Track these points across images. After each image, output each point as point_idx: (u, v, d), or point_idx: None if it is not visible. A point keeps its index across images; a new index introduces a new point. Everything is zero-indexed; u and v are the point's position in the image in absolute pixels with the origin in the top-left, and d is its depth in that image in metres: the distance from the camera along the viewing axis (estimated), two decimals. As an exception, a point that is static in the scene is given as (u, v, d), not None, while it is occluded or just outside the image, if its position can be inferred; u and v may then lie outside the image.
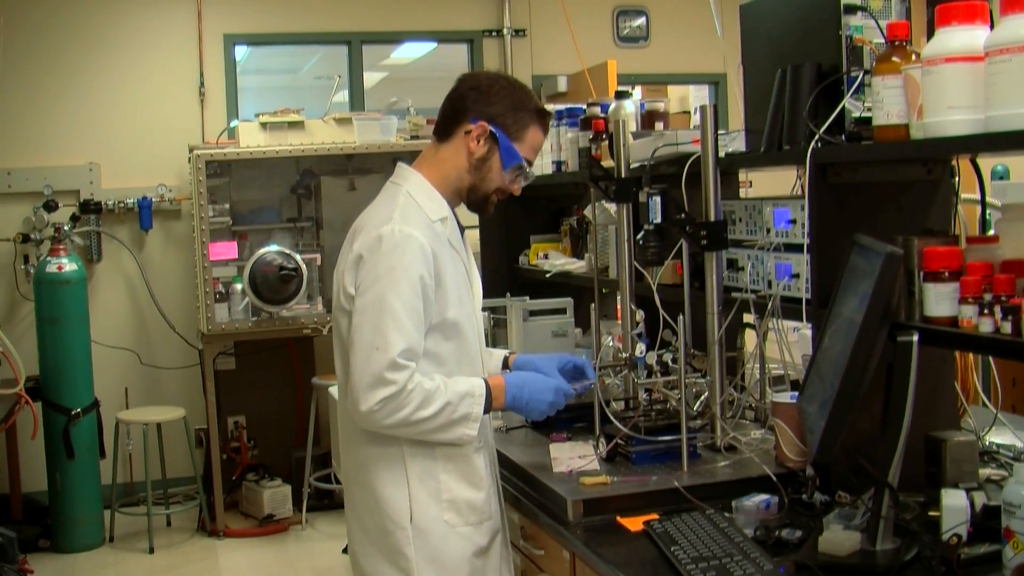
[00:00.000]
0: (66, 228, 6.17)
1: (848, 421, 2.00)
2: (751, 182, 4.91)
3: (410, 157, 5.82)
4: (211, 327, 5.91)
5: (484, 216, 2.59)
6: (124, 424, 6.08)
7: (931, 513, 2.22)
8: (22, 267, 6.39)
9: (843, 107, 2.39)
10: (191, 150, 6.16)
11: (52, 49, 6.58)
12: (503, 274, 4.17)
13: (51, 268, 5.84)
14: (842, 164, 2.41)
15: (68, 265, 5.86)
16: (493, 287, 2.26)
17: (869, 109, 2.34)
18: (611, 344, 3.03)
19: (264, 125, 6.08)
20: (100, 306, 6.59)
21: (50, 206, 6.36)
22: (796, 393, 2.53)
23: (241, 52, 7.05)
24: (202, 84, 6.75)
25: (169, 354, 6.73)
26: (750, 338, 3.09)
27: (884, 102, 2.19)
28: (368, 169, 6.36)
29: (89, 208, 6.50)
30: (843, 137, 2.39)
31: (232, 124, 6.50)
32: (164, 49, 6.73)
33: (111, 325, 6.64)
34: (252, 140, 6.06)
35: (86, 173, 6.58)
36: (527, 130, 2.47)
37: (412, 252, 2.30)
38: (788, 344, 2.78)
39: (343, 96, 7.16)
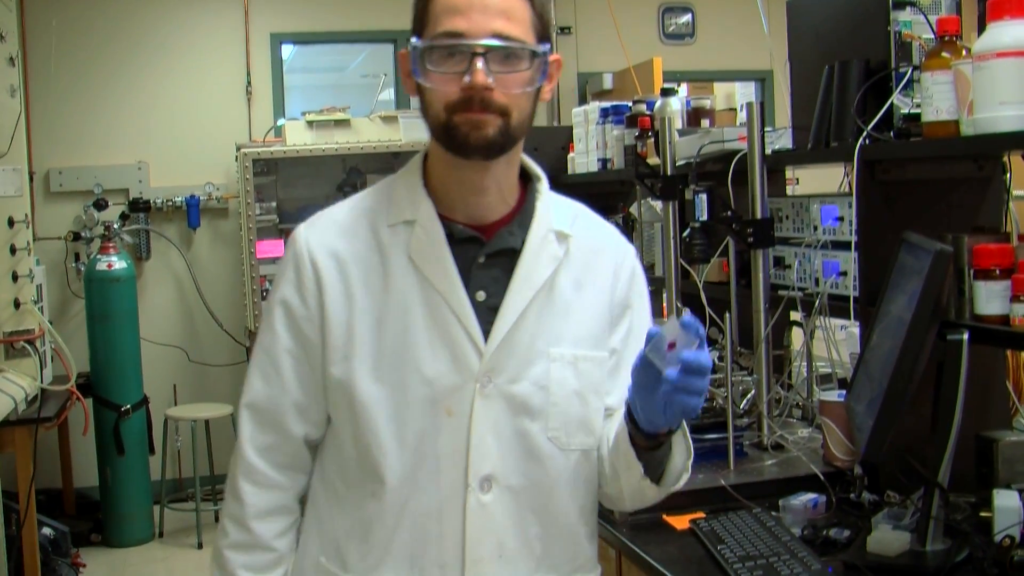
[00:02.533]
0: (116, 226, 6.24)
1: (897, 420, 1.99)
2: (798, 179, 4.88)
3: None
4: (258, 324, 5.94)
5: (471, 150, 1.62)
6: (173, 420, 6.15)
7: (982, 514, 2.20)
8: (73, 265, 6.47)
9: (891, 103, 2.38)
10: (238, 148, 6.22)
11: (101, 49, 6.66)
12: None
13: (101, 266, 5.92)
14: (890, 161, 2.40)
15: (118, 263, 5.93)
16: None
17: (918, 105, 2.33)
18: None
19: (310, 123, 6.12)
20: (149, 303, 6.67)
21: (100, 204, 6.44)
22: (844, 391, 2.52)
23: (288, 51, 7.11)
24: (249, 83, 6.80)
25: (217, 351, 6.79)
26: (797, 336, 3.08)
27: (933, 98, 2.18)
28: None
29: (138, 206, 6.58)
30: (891, 134, 2.38)
31: (279, 123, 6.54)
32: (211, 48, 6.79)
33: (160, 322, 6.71)
34: (298, 138, 6.10)
35: (135, 172, 6.66)
36: (427, 9, 1.66)
37: (284, 263, 1.75)
38: (836, 342, 2.77)
39: (388, 94, 7.19)
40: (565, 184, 4.32)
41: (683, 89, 5.82)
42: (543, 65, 1.64)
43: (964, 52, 2.14)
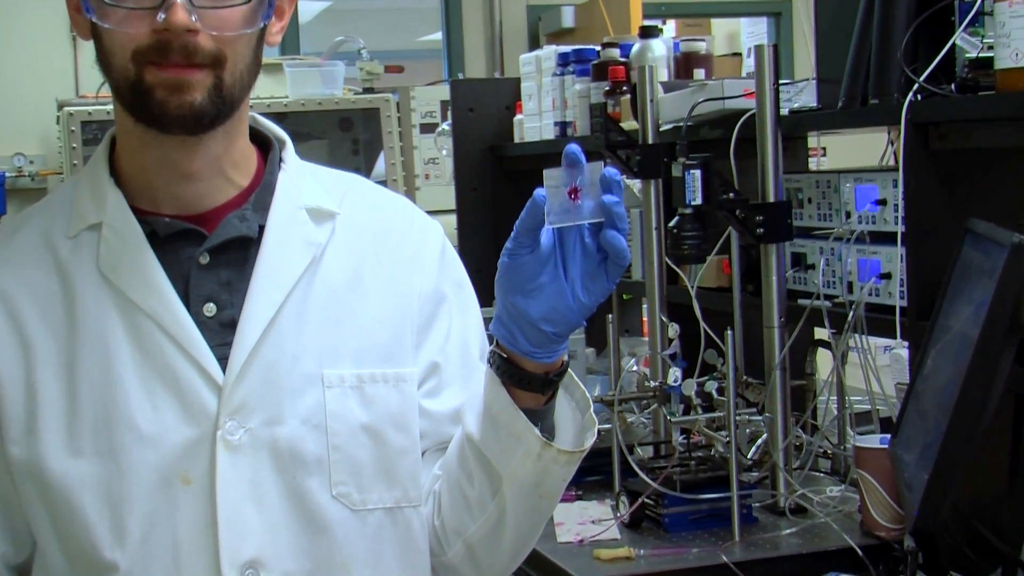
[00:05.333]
0: None
1: (961, 474, 1.99)
2: (824, 150, 4.90)
3: (363, 115, 5.74)
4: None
5: (171, 122, 1.58)
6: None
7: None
8: None
9: (953, 45, 2.39)
10: (61, 107, 6.13)
11: None
12: (490, 275, 4.15)
13: None
14: (951, 124, 2.41)
15: None
16: (480, 295, 1.92)
17: (990, 47, 2.33)
18: (635, 369, 3.02)
19: (162, 74, 6.06)
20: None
21: None
22: (888, 436, 2.52)
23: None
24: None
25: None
26: (824, 361, 3.08)
27: (1011, 37, 2.18)
28: (306, 134, 6.33)
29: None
30: (952, 87, 2.39)
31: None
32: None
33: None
34: (145, 93, 6.03)
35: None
36: None
37: None
38: (876, 369, 2.77)
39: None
40: (509, 157, 4.32)
41: (670, 28, 5.85)
42: None
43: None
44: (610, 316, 3.04)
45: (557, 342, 1.59)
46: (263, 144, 1.77)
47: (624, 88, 3.56)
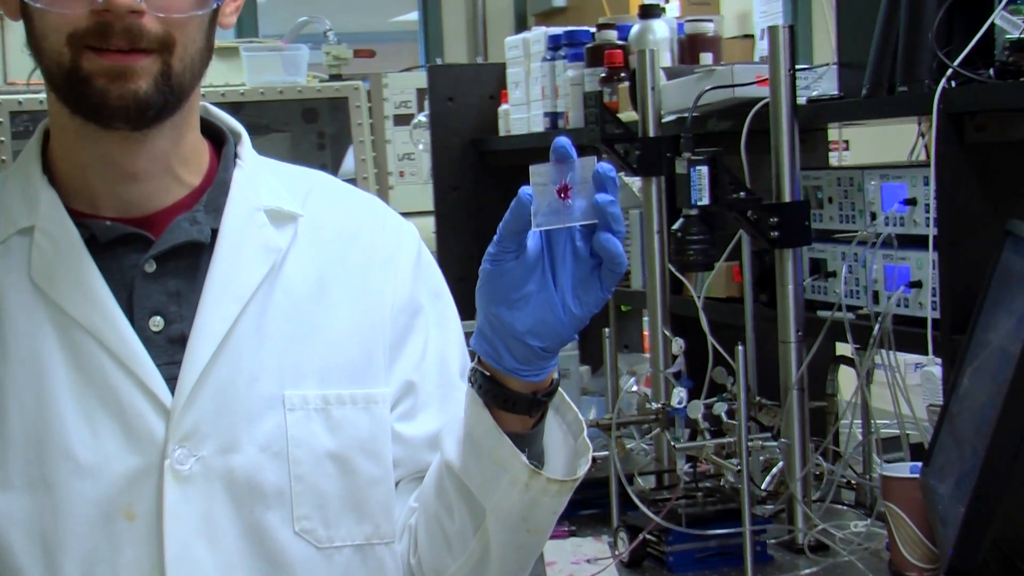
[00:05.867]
0: None
1: (1002, 507, 1.99)
2: (847, 143, 4.92)
3: (329, 105, 5.73)
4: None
5: (113, 114, 1.58)
6: None
7: None
8: None
9: (992, 24, 2.39)
10: (-12, 96, 6.14)
11: None
12: (473, 284, 4.13)
13: None
14: (989, 113, 2.42)
15: None
16: (460, 307, 1.89)
17: (1033, 28, 2.34)
18: (635, 390, 3.03)
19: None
20: None
21: None
22: (919, 464, 2.53)
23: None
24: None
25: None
26: (847, 380, 3.09)
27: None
28: (265, 126, 6.32)
29: None
30: (991, 72, 2.39)
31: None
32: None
33: None
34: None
35: None
36: None
37: None
38: (905, 389, 2.77)
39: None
40: (493, 152, 4.32)
41: (673, 7, 5.85)
42: None
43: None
44: (607, 330, 3.04)
45: (546, 358, 1.59)
46: (216, 138, 1.77)
47: (622, 75, 3.57)
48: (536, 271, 1.55)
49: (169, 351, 1.63)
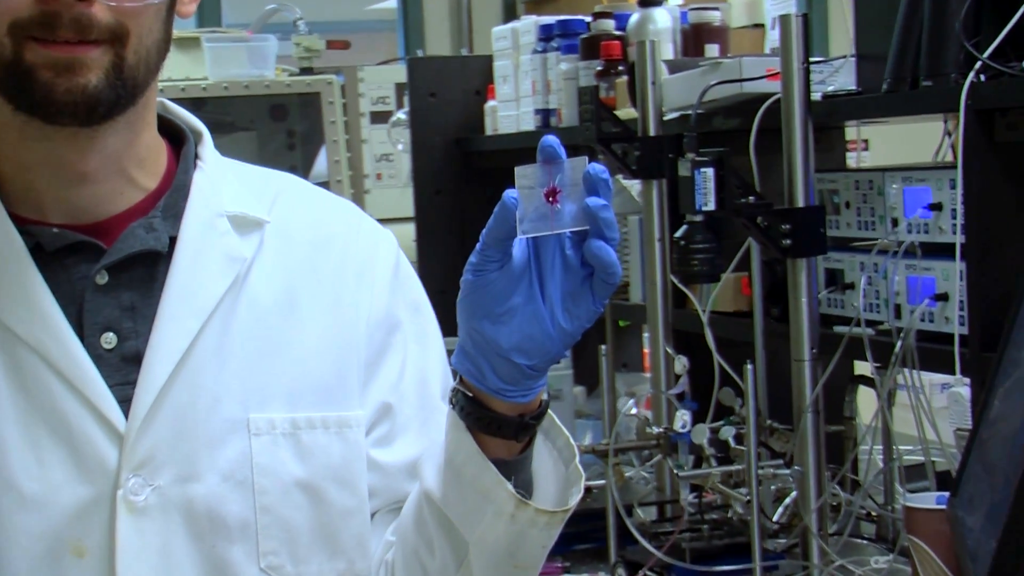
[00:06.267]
0: None
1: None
2: (866, 143, 4.92)
3: (299, 101, 5.73)
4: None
5: (60, 110, 1.58)
6: None
7: None
8: None
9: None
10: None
11: None
12: (456, 297, 4.13)
13: None
14: (1021, 110, 2.41)
15: None
16: (442, 322, 1.87)
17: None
18: (634, 412, 3.02)
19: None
20: None
21: None
22: (945, 494, 2.53)
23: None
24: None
25: None
26: (866, 402, 3.09)
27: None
28: (229, 124, 6.31)
29: None
30: (1023, 65, 2.39)
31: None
32: None
33: None
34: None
35: None
36: None
37: None
38: (931, 412, 2.77)
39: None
40: (479, 153, 4.32)
41: (676, -5, 5.85)
42: None
43: None
44: (603, 347, 3.05)
45: (534, 377, 1.58)
46: (175, 137, 1.76)
47: (620, 68, 3.58)
48: (522, 282, 1.54)
49: (123, 371, 1.62)
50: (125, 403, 1.61)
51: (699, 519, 2.83)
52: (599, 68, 3.64)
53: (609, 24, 3.77)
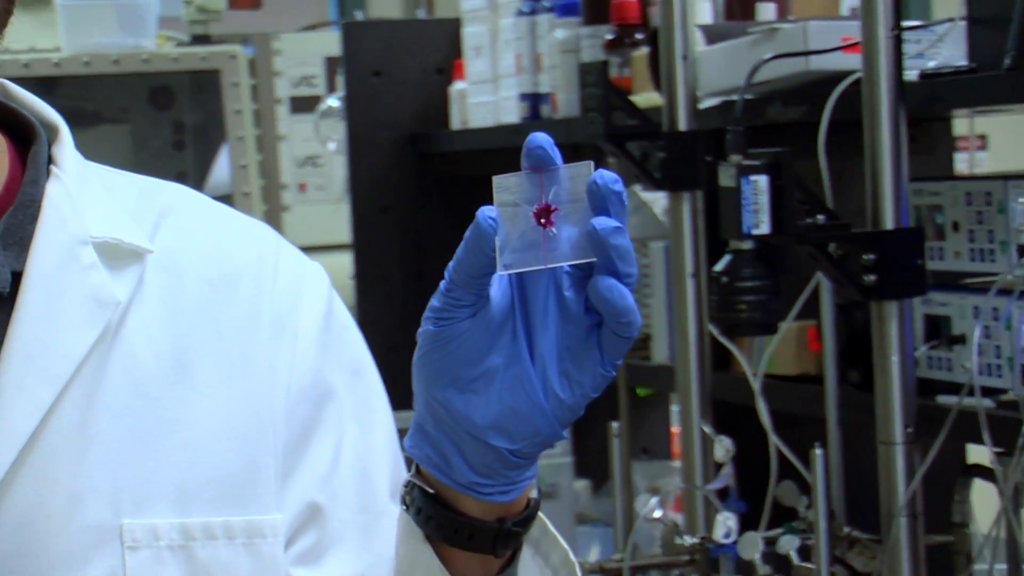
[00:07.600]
0: None
1: None
2: (983, 140, 4.95)
3: (191, 82, 5.79)
4: None
5: None
6: None
7: None
8: None
9: None
10: None
11: None
12: (409, 355, 4.13)
13: None
14: None
15: None
16: (390, 389, 1.83)
17: None
18: (658, 516, 3.02)
19: None
20: None
21: None
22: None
23: None
24: None
25: None
26: (985, 501, 3.08)
27: None
28: (93, 114, 6.35)
29: None
30: None
31: None
32: None
33: None
34: None
35: None
36: None
37: None
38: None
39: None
40: (442, 154, 4.33)
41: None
42: None
43: None
44: (615, 425, 3.05)
45: (518, 467, 1.56)
46: (20, 134, 1.75)
47: (638, 36, 3.58)
48: (503, 335, 1.52)
49: None
50: None
51: (750, 663, 2.84)
52: (609, 36, 3.65)
53: (623, -19, 3.77)
